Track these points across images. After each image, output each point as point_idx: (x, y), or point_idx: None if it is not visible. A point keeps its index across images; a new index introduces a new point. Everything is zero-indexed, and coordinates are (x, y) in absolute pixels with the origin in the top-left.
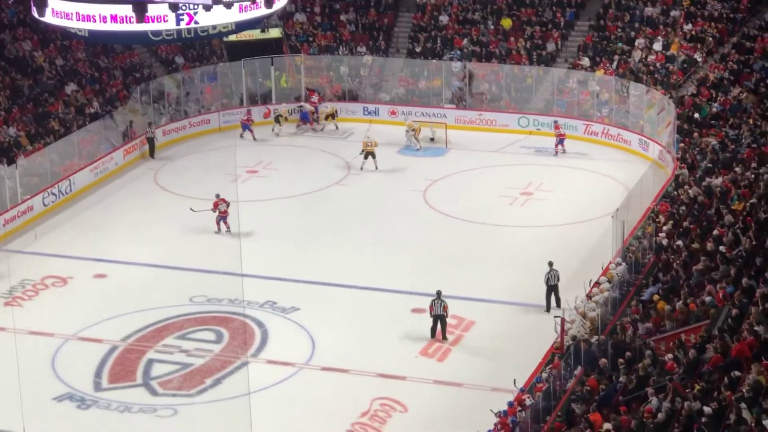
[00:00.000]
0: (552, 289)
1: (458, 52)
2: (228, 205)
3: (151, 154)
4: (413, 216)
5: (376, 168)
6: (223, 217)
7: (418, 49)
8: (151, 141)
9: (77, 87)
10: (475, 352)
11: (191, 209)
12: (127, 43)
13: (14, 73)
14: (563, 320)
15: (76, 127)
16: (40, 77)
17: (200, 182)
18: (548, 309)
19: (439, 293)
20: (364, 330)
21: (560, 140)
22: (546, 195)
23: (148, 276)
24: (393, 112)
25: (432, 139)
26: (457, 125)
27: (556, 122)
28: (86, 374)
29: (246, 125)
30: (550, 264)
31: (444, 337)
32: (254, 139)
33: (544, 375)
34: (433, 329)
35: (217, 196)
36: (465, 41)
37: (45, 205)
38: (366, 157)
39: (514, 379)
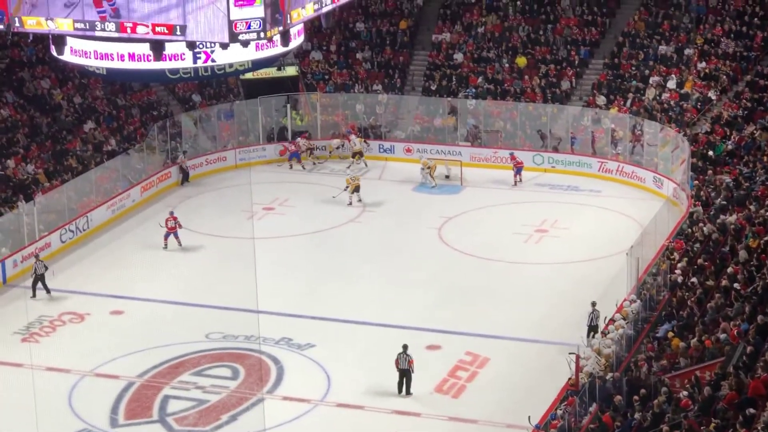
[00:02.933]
0: (593, 330)
1: (473, 90)
2: (177, 223)
3: (183, 181)
4: (428, 253)
5: (360, 200)
6: (171, 232)
7: (433, 87)
8: (183, 170)
9: (95, 125)
10: (490, 389)
11: (160, 225)
12: (145, 81)
13: (33, 111)
14: (578, 357)
15: (94, 164)
16: (59, 115)
17: (217, 219)
18: None
19: (405, 347)
20: (379, 367)
21: (518, 170)
22: (561, 232)
23: (165, 312)
24: (408, 150)
25: (447, 177)
26: (472, 163)
27: (512, 154)
28: (103, 410)
29: (295, 155)
30: (593, 304)
31: (408, 392)
32: (303, 168)
33: (559, 412)
34: (399, 384)
35: (171, 213)
36: (480, 79)
37: (62, 242)
38: (353, 192)
39: (529, 416)
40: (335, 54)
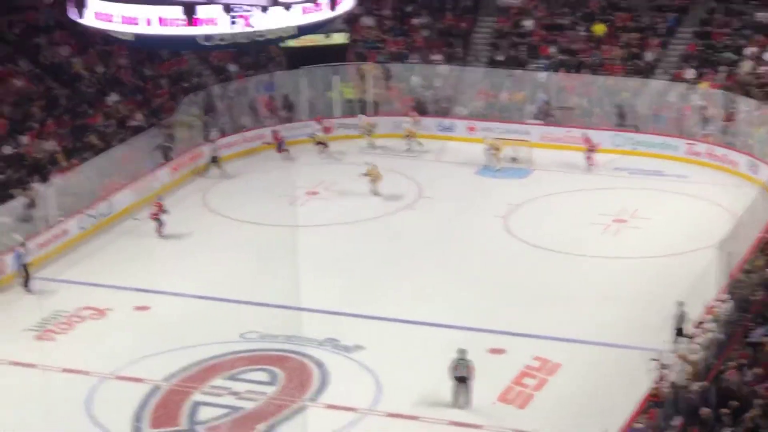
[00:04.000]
0: (678, 333)
1: (545, 62)
2: (160, 209)
3: (212, 168)
4: (492, 245)
5: (378, 194)
6: (153, 219)
7: (499, 58)
8: (215, 160)
9: (119, 97)
10: (560, 399)
11: (133, 218)
12: (175, 49)
13: (50, 81)
14: (661, 364)
15: (117, 141)
16: (79, 86)
17: (254, 204)
18: None
19: (462, 351)
20: (435, 372)
21: (592, 152)
22: (642, 223)
23: (195, 309)
24: (471, 128)
25: (514, 159)
26: (542, 143)
27: (585, 134)
28: (125, 418)
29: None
30: (680, 304)
31: (467, 402)
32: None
33: (639, 426)
34: (456, 393)
35: (158, 199)
36: (552, 49)
37: (82, 229)
38: (374, 182)
39: (606, 430)
40: (390, 19)
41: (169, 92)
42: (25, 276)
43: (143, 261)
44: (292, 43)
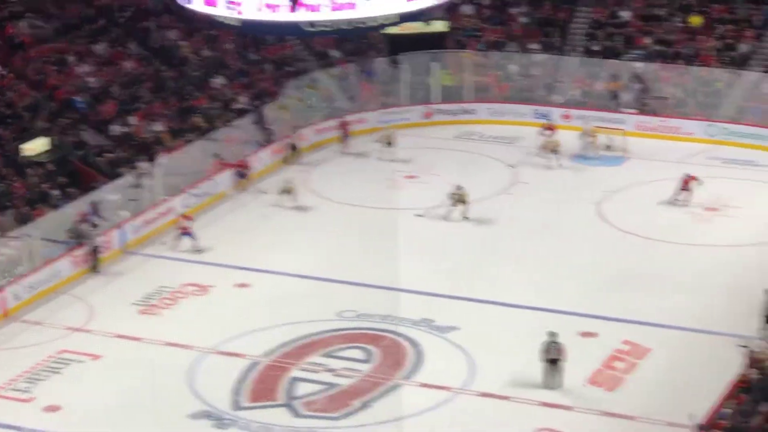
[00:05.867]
0: None
1: (641, 52)
2: (187, 219)
3: (293, 160)
4: (586, 231)
5: (467, 218)
6: (184, 234)
7: (596, 48)
8: (294, 148)
9: (224, 80)
10: (649, 383)
11: (160, 242)
12: (280, 35)
13: (158, 64)
14: (750, 351)
15: (222, 123)
16: (186, 69)
17: (353, 187)
18: None
19: (554, 334)
20: (527, 354)
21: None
22: (735, 212)
23: (294, 287)
24: (566, 116)
25: (608, 147)
26: (636, 132)
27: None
28: (225, 390)
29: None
30: None
31: (558, 384)
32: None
33: (727, 410)
34: (547, 376)
35: (182, 214)
36: (648, 40)
37: (186, 207)
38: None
39: (690, 413)
40: (489, 8)
41: (273, 76)
42: (93, 257)
43: (245, 240)
44: (394, 29)
